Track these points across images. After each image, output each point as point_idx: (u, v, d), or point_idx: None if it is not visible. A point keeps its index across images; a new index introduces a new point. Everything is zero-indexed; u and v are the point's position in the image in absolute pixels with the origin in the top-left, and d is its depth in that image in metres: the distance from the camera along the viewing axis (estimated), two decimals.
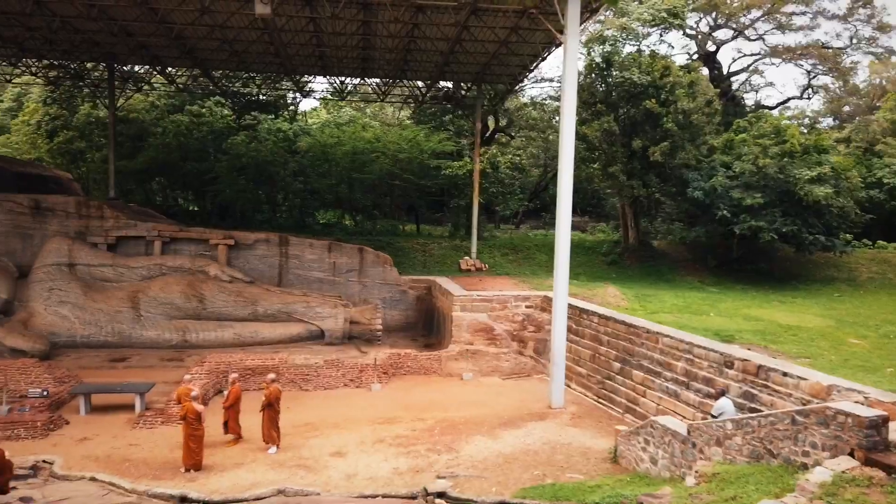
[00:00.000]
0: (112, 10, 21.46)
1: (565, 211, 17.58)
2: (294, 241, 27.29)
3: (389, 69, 30.08)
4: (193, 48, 26.81)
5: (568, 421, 17.27)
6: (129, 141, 35.22)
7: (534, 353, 22.77)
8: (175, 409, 17.32)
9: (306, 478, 13.81)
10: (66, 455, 14.76)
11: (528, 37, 23.75)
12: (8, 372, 18.88)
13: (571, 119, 17.09)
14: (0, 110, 51.64)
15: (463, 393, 19.96)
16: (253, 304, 24.69)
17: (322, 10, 20.48)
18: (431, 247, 34.33)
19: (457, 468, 14.16)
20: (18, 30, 24.46)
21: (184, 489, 12.80)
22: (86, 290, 23.67)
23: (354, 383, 20.59)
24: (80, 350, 22.93)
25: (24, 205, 24.86)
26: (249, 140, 34.72)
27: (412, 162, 34.79)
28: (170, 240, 25.83)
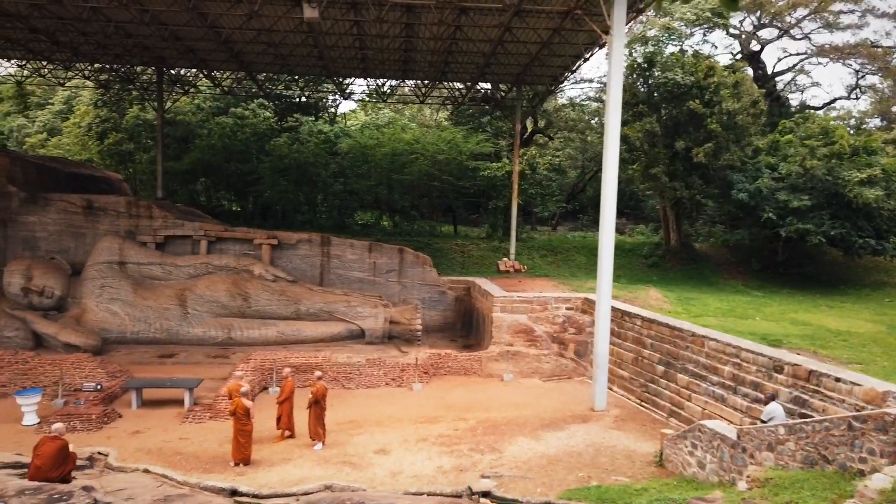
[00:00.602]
0: (164, 16, 22.10)
1: (609, 213, 17.48)
2: (335, 241, 27.64)
3: (430, 71, 30.26)
4: (240, 52, 27.39)
5: (611, 424, 17.16)
6: (175, 143, 36.13)
7: (574, 355, 22.67)
8: (223, 405, 17.77)
9: (352, 474, 14.00)
10: (120, 447, 15.18)
11: (571, 37, 23.68)
12: (63, 366, 19.57)
13: (616, 120, 17.00)
14: (51, 113, 53.47)
15: (504, 394, 19.98)
16: (296, 302, 25.08)
17: (367, 13, 20.75)
18: (470, 248, 34.41)
19: (501, 468, 14.21)
20: (74, 34, 25.30)
21: (233, 482, 13.10)
22: (135, 288, 24.35)
23: (396, 382, 20.80)
24: (130, 346, 23.60)
25: (77, 204, 25.67)
26: (291, 142, 35.28)
27: (451, 163, 34.94)
28: (215, 239, 26.38)
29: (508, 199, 35.88)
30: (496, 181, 36.24)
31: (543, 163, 37.82)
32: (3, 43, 26.92)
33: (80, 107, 42.12)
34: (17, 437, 16.13)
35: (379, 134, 36.25)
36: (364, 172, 35.79)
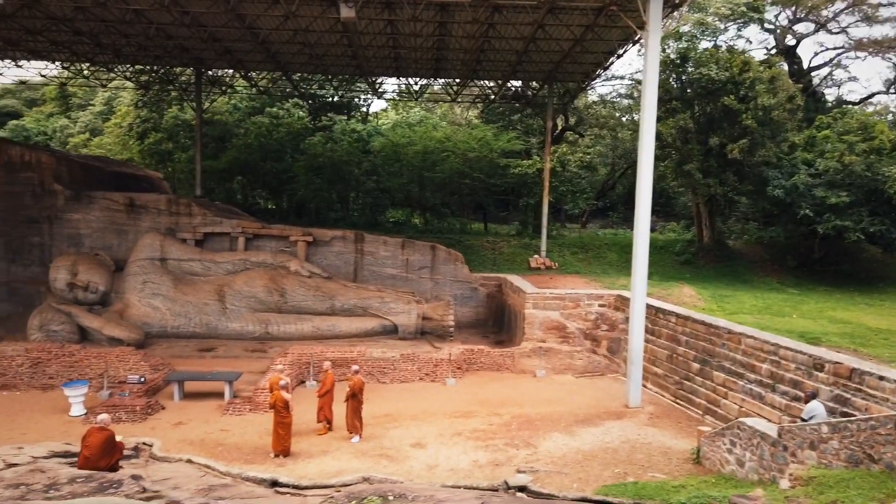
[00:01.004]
0: (203, 17, 22.59)
1: (644, 210, 17.45)
2: (369, 238, 27.95)
3: (462, 69, 30.37)
4: (276, 52, 27.84)
5: (646, 420, 17.16)
6: (213, 142, 36.84)
7: (607, 352, 22.64)
8: (262, 398, 18.16)
9: (389, 467, 14.25)
10: (164, 438, 15.63)
11: (604, 34, 23.62)
12: (108, 359, 20.18)
13: (652, 117, 16.96)
14: (92, 113, 54.88)
15: (537, 390, 20.07)
16: (331, 298, 25.44)
17: (401, 12, 20.96)
18: (500, 245, 34.50)
19: (536, 463, 14.33)
20: (115, 37, 25.98)
21: (274, 473, 13.41)
22: (176, 283, 24.95)
23: (429, 377, 21.02)
24: (171, 340, 24.19)
25: (120, 202, 26.36)
26: (326, 141, 35.72)
27: (482, 161, 35.05)
28: (252, 236, 26.87)
29: (539, 197, 35.86)
30: (527, 178, 36.26)
31: (574, 160, 37.70)
32: (48, 45, 27.75)
33: (121, 107, 43.17)
34: (65, 427, 16.69)
35: (411, 132, 36.51)
36: (396, 170, 36.09)
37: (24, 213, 25.97)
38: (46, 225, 26.12)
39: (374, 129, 39.58)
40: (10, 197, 25.81)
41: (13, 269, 26.29)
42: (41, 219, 26.07)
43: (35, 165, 25.90)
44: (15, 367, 19.81)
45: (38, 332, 22.83)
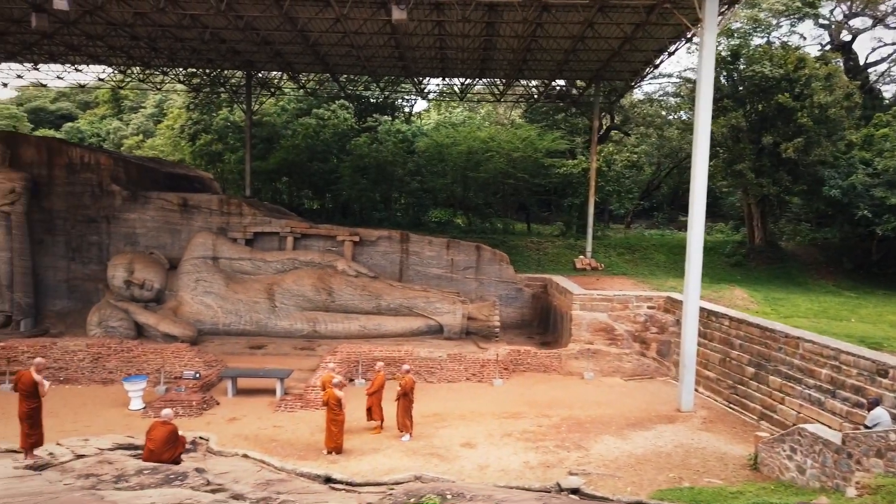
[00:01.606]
0: (257, 21, 23.04)
1: (699, 211, 17.17)
2: (414, 238, 28.13)
3: (508, 69, 30.28)
4: (325, 55, 28.21)
5: (699, 425, 16.86)
6: (261, 143, 37.55)
7: (657, 354, 22.32)
8: (313, 395, 18.46)
9: (440, 466, 14.31)
10: (219, 433, 15.98)
11: (654, 31, 23.28)
12: (164, 355, 20.76)
13: (707, 115, 16.67)
14: (144, 116, 56.55)
15: (585, 392, 19.91)
16: (377, 298, 25.69)
17: (451, 13, 21.03)
18: (545, 245, 34.31)
19: (588, 466, 14.22)
20: (171, 41, 26.71)
21: (327, 470, 13.61)
22: (227, 282, 25.52)
23: (476, 377, 21.04)
24: (222, 337, 24.75)
25: (174, 202, 27.08)
26: (371, 141, 36.05)
27: (526, 160, 34.90)
28: (301, 236, 27.32)
29: (584, 197, 35.53)
30: (572, 178, 35.97)
31: (620, 159, 37.24)
32: (106, 50, 28.68)
33: (173, 110, 44.33)
34: (126, 421, 17.23)
35: (455, 132, 36.58)
36: (440, 171, 36.19)
37: (83, 213, 26.92)
38: (104, 224, 27.01)
39: (419, 129, 39.78)
40: (70, 197, 26.78)
41: (73, 267, 27.27)
42: (99, 218, 26.97)
43: (94, 166, 26.82)
44: (77, 362, 20.54)
45: (98, 328, 23.63)
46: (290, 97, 39.46)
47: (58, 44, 27.73)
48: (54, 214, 26.74)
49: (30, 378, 10.81)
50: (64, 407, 18.14)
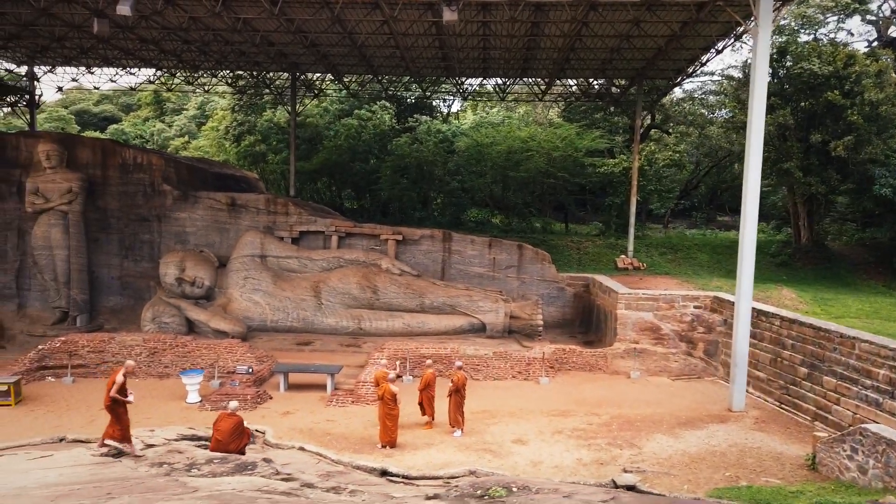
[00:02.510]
0: (307, 24, 23.47)
1: (752, 210, 17.03)
2: (456, 237, 28.33)
3: (553, 67, 30.25)
4: (371, 56, 28.57)
5: (752, 425, 16.74)
6: (303, 143, 38.16)
7: (704, 354, 22.16)
8: (363, 390, 18.80)
9: (493, 462, 14.47)
10: (275, 426, 16.38)
11: (702, 29, 23.11)
12: (217, 350, 21.31)
13: (761, 114, 16.56)
14: (186, 118, 57.83)
15: (633, 391, 19.89)
16: (420, 296, 25.95)
17: (498, 13, 21.18)
18: (585, 244, 34.24)
19: (641, 464, 14.25)
20: (221, 44, 27.34)
21: (383, 463, 13.89)
22: (275, 280, 26.03)
23: (522, 375, 21.17)
24: (270, 333, 25.26)
25: (223, 202, 27.70)
26: (412, 141, 36.36)
27: (566, 160, 34.86)
28: (345, 235, 27.72)
29: (625, 196, 35.38)
30: (612, 177, 35.82)
31: (663, 158, 36.94)
32: (158, 53, 29.49)
33: (217, 112, 45.28)
34: (184, 413, 17.75)
35: (494, 132, 36.71)
36: (478, 170, 36.33)
37: (136, 212, 27.70)
38: (156, 223, 27.76)
39: (458, 129, 40.00)
40: (123, 196, 27.59)
41: (125, 265, 28.09)
42: (151, 217, 27.72)
43: (146, 167, 27.58)
44: (134, 356, 21.16)
45: (151, 324, 24.32)
46: (332, 98, 39.99)
47: (112, 48, 28.60)
48: (108, 213, 27.57)
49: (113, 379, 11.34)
50: None
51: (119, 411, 10.99)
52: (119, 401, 10.83)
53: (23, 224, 27.02)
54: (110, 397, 10.92)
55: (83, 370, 20.86)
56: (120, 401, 10.84)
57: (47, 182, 25.94)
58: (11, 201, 26.90)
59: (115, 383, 11.16)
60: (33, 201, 25.76)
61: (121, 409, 11.04)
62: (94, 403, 18.33)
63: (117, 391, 10.91)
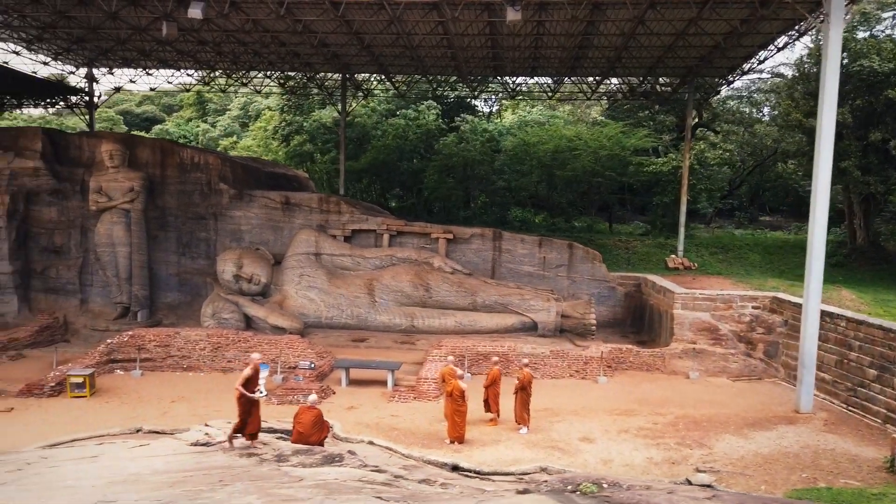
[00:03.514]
0: (365, 26, 23.76)
1: (822, 211, 16.82)
2: (506, 236, 28.41)
3: (604, 66, 30.12)
4: (423, 56, 28.79)
5: (821, 427, 16.53)
6: (350, 143, 38.65)
7: (764, 355, 21.92)
8: (425, 387, 19.02)
9: (563, 459, 14.53)
10: (342, 420, 16.68)
11: (762, 26, 22.80)
12: (278, 346, 21.74)
13: (832, 113, 16.36)
14: (230, 118, 58.85)
15: (694, 391, 19.77)
16: (472, 294, 26.09)
17: (556, 13, 21.22)
18: (633, 244, 34.03)
19: (714, 464, 14.19)
20: (276, 46, 27.83)
21: (453, 458, 14.06)
22: (329, 277, 26.42)
23: (580, 374, 21.19)
24: (325, 330, 25.64)
25: (277, 201, 28.21)
26: (459, 141, 36.53)
27: (613, 159, 34.69)
28: (396, 233, 28.01)
29: (673, 195, 35.09)
30: (661, 177, 35.54)
31: (714, 157, 36.52)
32: (214, 55, 30.13)
33: (265, 112, 46.02)
34: None
35: (542, 131, 36.68)
36: (525, 170, 36.33)
37: (193, 211, 28.36)
38: (212, 221, 28.39)
39: (504, 128, 40.05)
40: (181, 195, 28.27)
41: (183, 262, 28.78)
42: (208, 215, 28.35)
43: (204, 166, 28.21)
44: (198, 351, 21.76)
45: (211, 320, 24.89)
46: (379, 98, 40.38)
47: (170, 50, 29.30)
48: (167, 212, 28.26)
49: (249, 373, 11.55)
50: (193, 393, 19.29)
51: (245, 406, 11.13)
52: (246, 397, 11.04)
53: (85, 222, 27.88)
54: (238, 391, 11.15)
55: (150, 364, 21.47)
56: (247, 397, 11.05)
57: (110, 181, 26.70)
58: (75, 200, 27.77)
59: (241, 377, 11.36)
60: (97, 200, 26.54)
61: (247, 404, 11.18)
62: (165, 396, 18.91)
63: (241, 384, 11.15)
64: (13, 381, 20.20)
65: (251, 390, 11.31)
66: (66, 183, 27.62)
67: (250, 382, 11.41)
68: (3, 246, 26.52)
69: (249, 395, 11.14)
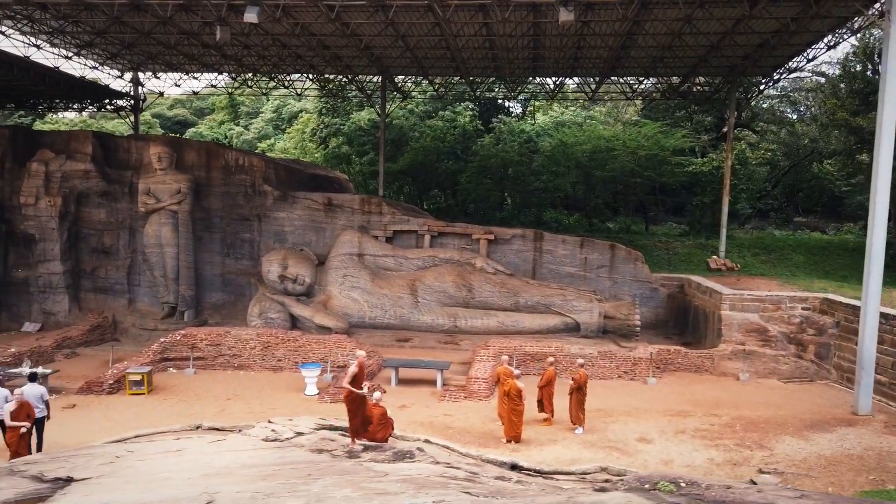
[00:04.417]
0: (411, 29, 23.94)
1: (881, 212, 16.63)
2: (547, 236, 28.40)
3: (647, 66, 29.92)
4: (466, 59, 28.90)
5: (882, 429, 16.30)
6: (388, 145, 38.98)
7: (815, 357, 21.65)
8: (475, 386, 19.11)
9: (622, 459, 14.50)
10: (395, 419, 16.72)
11: (811, 24, 22.52)
12: (327, 345, 22.01)
13: (892, 111, 16.11)
14: (263, 121, 59.55)
15: (746, 393, 19.61)
16: (515, 295, 26.14)
17: (603, 12, 21.21)
18: (674, 245, 33.79)
19: (777, 465, 14.08)
20: (319, 49, 28.15)
21: (512, 458, 14.12)
22: (372, 278, 26.65)
23: (628, 375, 21.13)
24: (368, 330, 25.87)
25: (320, 202, 28.51)
26: (496, 142, 36.62)
27: (652, 159, 34.51)
28: (437, 234, 28.16)
29: (712, 196, 34.79)
30: (700, 177, 35.27)
31: (755, 157, 36.15)
32: (257, 59, 30.57)
33: (303, 115, 46.50)
34: (306, 405, 18.42)
35: (578, 131, 36.62)
36: (561, 171, 36.28)
37: (237, 212, 28.79)
38: (256, 222, 28.78)
39: (541, 129, 40.05)
40: (226, 197, 28.72)
41: (227, 262, 29.22)
42: (252, 217, 28.75)
43: (248, 168, 28.63)
44: (249, 350, 22.10)
45: (258, 319, 25.25)
46: (418, 100, 40.63)
47: (214, 54, 29.80)
48: (212, 213, 28.72)
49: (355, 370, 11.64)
50: (247, 391, 19.60)
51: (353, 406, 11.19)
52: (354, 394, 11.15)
53: (133, 223, 28.46)
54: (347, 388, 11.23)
55: (201, 362, 21.86)
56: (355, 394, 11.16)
57: (158, 183, 27.22)
58: (123, 202, 28.37)
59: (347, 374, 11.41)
60: (146, 201, 27.07)
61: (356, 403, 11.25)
62: (220, 394, 19.25)
63: (349, 381, 11.24)
64: (71, 378, 20.75)
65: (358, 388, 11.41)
66: (115, 185, 28.22)
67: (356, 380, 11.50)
68: (55, 246, 27.21)
69: (358, 392, 11.25)
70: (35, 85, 28.66)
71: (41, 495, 7.97)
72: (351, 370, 11.50)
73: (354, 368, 11.50)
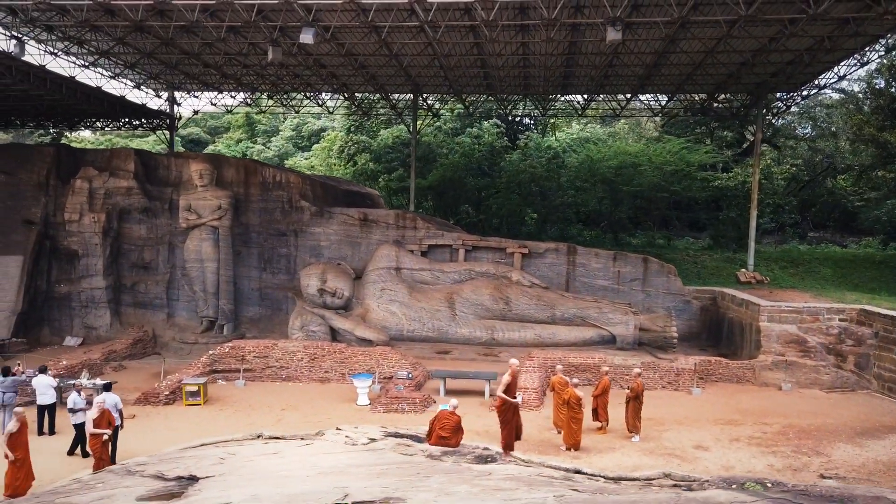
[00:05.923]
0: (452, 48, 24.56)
1: None
2: (581, 250, 28.82)
3: (678, 82, 30.49)
4: (500, 78, 29.54)
5: None
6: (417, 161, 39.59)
7: (854, 367, 21.94)
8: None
9: (683, 466, 14.79)
10: None
11: (844, 42, 23.08)
12: (373, 356, 22.35)
13: None
14: (283, 139, 60.23)
15: (791, 402, 19.89)
16: (551, 307, 26.51)
17: (647, 31, 21.78)
18: (702, 258, 34.18)
19: (837, 470, 14.36)
20: (354, 68, 28.81)
21: (574, 464, 14.40)
22: (410, 291, 27.07)
23: (672, 386, 21.42)
24: (406, 343, 26.20)
25: (355, 217, 29.02)
26: (524, 157, 37.21)
27: (677, 174, 35.01)
28: (471, 248, 28.60)
29: (738, 210, 35.23)
30: (726, 192, 35.75)
31: (780, 172, 36.66)
32: (292, 79, 31.25)
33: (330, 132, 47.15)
34: (360, 414, 18.73)
35: (605, 147, 37.19)
36: (587, 186, 36.78)
37: (274, 227, 29.29)
38: (293, 237, 29.26)
39: (567, 144, 40.64)
40: (263, 213, 29.24)
41: (264, 277, 29.66)
42: (288, 232, 29.25)
43: (285, 184, 29.18)
44: (296, 362, 22.46)
45: (300, 332, 25.64)
46: (446, 118, 41.28)
47: (251, 74, 30.50)
48: (250, 228, 29.23)
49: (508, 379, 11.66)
50: (298, 401, 19.92)
51: (506, 416, 11.23)
52: (508, 403, 11.19)
53: (173, 239, 28.97)
54: (501, 398, 11.26)
55: (249, 374, 22.21)
56: (508, 403, 11.20)
57: (199, 199, 27.75)
58: (163, 217, 28.91)
59: (501, 383, 11.47)
60: (187, 217, 27.59)
61: (509, 413, 11.28)
62: (274, 404, 19.57)
63: (503, 391, 11.31)
64: (123, 390, 21.07)
65: (511, 396, 11.43)
66: (155, 201, 28.77)
67: (509, 389, 11.51)
68: (98, 262, 27.70)
69: (512, 400, 11.26)
70: (79, 104, 29.29)
71: (172, 492, 8.34)
72: (504, 378, 11.49)
73: (508, 377, 11.47)
